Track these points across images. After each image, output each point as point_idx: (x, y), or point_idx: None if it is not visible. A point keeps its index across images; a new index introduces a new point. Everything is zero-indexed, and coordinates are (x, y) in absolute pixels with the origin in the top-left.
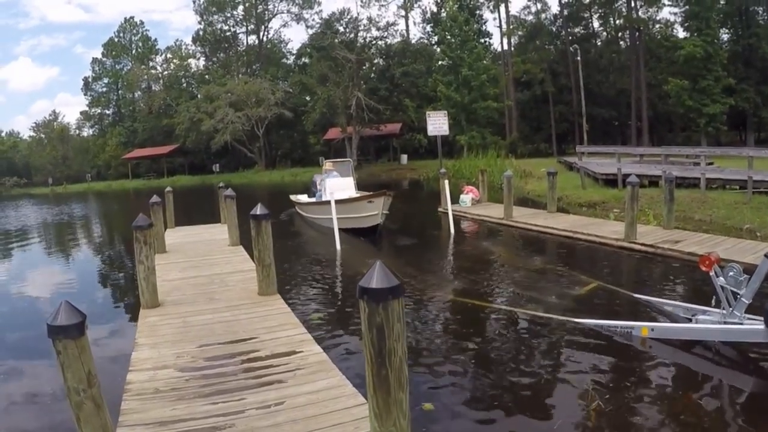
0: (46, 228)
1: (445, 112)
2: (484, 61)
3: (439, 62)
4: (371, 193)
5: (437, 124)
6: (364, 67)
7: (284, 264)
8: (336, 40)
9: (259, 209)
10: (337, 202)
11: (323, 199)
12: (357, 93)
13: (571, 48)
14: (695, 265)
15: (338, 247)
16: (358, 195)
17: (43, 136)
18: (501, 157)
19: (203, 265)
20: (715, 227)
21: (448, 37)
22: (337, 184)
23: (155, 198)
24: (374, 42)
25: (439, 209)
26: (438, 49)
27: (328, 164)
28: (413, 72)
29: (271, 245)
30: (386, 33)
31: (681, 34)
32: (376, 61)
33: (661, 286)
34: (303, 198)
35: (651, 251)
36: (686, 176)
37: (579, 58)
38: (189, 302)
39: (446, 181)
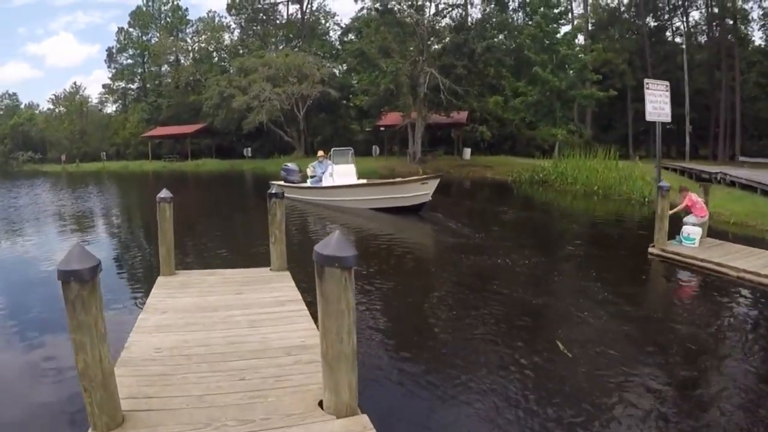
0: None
1: (667, 83)
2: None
3: (508, 42)
4: (424, 175)
5: (657, 102)
6: (437, 38)
7: None
8: (404, 5)
9: None
10: (385, 183)
11: (332, 183)
12: (430, 69)
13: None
14: None
15: None
16: (412, 178)
17: (62, 109)
18: (612, 157)
19: None
20: None
21: (542, 9)
22: (344, 170)
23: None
24: (448, 10)
25: (651, 249)
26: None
27: (320, 153)
28: (498, 47)
29: None
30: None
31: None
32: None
33: None
34: (282, 183)
35: None
36: None
37: (684, 45)
38: None
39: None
